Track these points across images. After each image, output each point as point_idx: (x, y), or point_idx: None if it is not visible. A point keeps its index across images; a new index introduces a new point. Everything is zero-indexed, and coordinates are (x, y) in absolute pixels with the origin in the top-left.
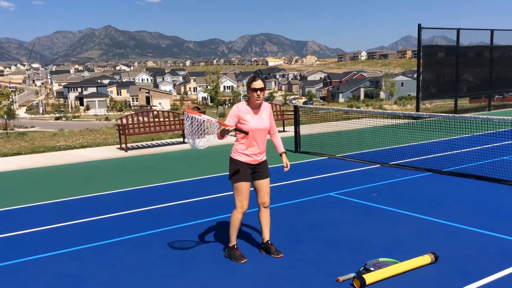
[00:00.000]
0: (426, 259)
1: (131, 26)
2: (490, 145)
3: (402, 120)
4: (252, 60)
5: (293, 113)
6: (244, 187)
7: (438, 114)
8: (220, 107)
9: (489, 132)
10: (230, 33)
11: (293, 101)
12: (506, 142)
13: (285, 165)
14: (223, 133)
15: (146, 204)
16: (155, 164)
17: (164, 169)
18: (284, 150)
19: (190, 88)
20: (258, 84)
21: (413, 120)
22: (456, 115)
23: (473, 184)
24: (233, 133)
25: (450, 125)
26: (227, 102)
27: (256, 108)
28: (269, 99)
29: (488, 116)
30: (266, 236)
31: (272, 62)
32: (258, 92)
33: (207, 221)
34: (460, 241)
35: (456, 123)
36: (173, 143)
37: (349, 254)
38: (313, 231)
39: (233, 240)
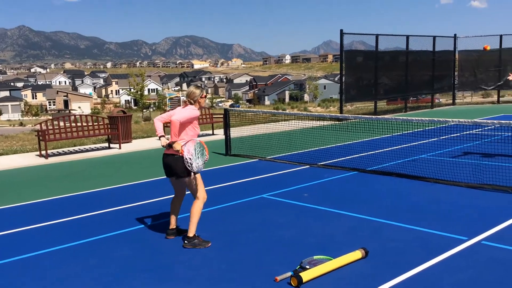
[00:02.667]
0: (357, 254)
1: (47, 26)
2: (409, 144)
3: (328, 122)
4: (177, 62)
5: (222, 116)
6: (200, 177)
7: (363, 116)
8: (145, 110)
9: (408, 132)
10: (154, 34)
11: (220, 104)
12: (423, 141)
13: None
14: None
15: (73, 213)
16: (80, 171)
17: (90, 176)
18: None
19: (112, 91)
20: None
21: (338, 122)
22: (378, 116)
23: (395, 181)
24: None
25: (372, 126)
26: (152, 106)
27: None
28: None
29: (408, 118)
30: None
31: (197, 64)
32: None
33: (140, 228)
34: (386, 236)
35: (378, 124)
36: (97, 149)
37: (285, 254)
38: (249, 233)
39: (195, 230)
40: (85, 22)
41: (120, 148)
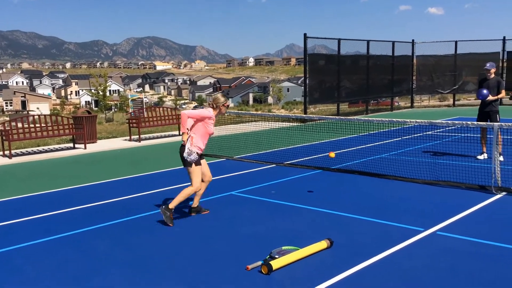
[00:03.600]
0: (323, 244)
1: (2, 25)
2: (371, 144)
3: (293, 123)
4: (139, 63)
5: None
6: (199, 169)
7: (328, 116)
8: (107, 111)
9: (369, 133)
10: (115, 35)
11: (183, 106)
12: (383, 142)
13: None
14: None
15: (42, 210)
16: (45, 170)
17: (57, 176)
18: None
19: (71, 91)
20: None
21: (302, 123)
22: (342, 117)
23: (358, 179)
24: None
25: (336, 127)
26: (113, 107)
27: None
28: (159, 103)
29: (369, 118)
30: (197, 202)
31: (160, 66)
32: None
33: (112, 224)
34: (350, 228)
35: (342, 125)
36: (62, 149)
37: (255, 246)
38: (220, 227)
39: (174, 206)
40: (43, 21)
41: (85, 148)
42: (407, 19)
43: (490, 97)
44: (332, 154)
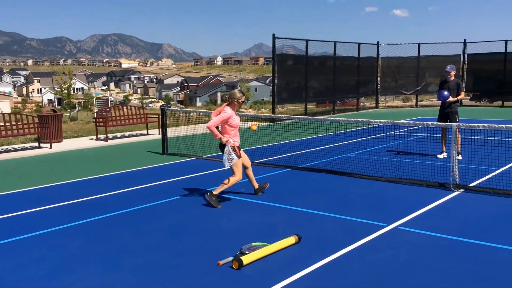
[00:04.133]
0: (291, 240)
1: None
2: (337, 144)
3: (261, 122)
4: (104, 61)
5: (157, 116)
6: (240, 161)
7: (296, 116)
8: (70, 110)
9: (336, 132)
10: (79, 31)
11: (150, 105)
12: (349, 141)
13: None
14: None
15: (9, 210)
16: (13, 170)
17: (23, 175)
18: None
19: (33, 89)
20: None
21: (270, 123)
22: (310, 117)
23: (325, 177)
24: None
25: (304, 127)
26: (77, 106)
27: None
28: (124, 102)
29: (336, 118)
30: (256, 184)
31: (126, 63)
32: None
33: (83, 222)
34: (317, 224)
35: (309, 125)
36: (27, 148)
37: (226, 242)
38: (192, 224)
39: (218, 192)
40: (3, 17)
41: (51, 147)
42: (373, 20)
43: (451, 99)
44: (254, 127)
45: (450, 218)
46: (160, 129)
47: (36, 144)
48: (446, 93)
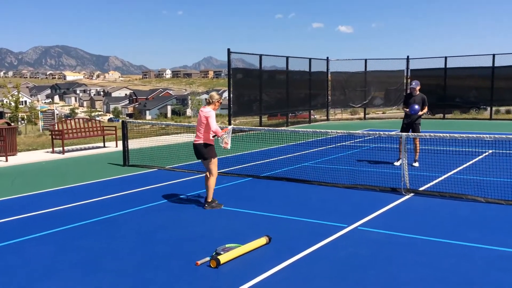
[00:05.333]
0: (262, 241)
1: None
2: (297, 153)
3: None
4: (48, 73)
5: (114, 129)
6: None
7: (259, 128)
8: (14, 123)
9: (294, 143)
10: (20, 43)
11: (97, 118)
12: (308, 151)
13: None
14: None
15: None
16: None
17: None
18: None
19: None
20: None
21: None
22: (270, 128)
23: (286, 185)
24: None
25: (263, 138)
26: (20, 119)
27: None
28: (71, 115)
29: (295, 129)
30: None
31: (70, 76)
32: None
33: (53, 232)
34: (283, 227)
35: (270, 136)
36: None
37: (199, 245)
38: (163, 230)
39: (211, 196)
40: None
41: (7, 160)
42: (320, 36)
43: (419, 112)
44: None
45: (403, 219)
46: (122, 141)
47: None
48: (417, 106)
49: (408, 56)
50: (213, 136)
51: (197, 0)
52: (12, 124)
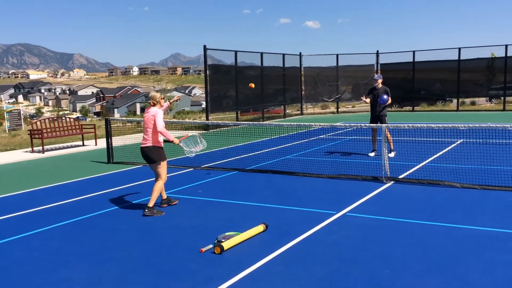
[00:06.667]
0: (260, 228)
1: None
2: (280, 147)
3: (196, 131)
4: (10, 72)
5: (92, 127)
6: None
7: (245, 122)
8: None
9: (280, 136)
10: None
11: (64, 118)
12: (289, 144)
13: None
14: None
15: None
16: None
17: None
18: None
19: None
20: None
21: (204, 131)
22: (255, 122)
23: (272, 177)
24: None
25: (237, 133)
26: None
27: None
28: (36, 115)
29: (280, 123)
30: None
31: (34, 75)
32: None
33: (53, 227)
34: (276, 215)
35: (250, 130)
36: None
37: (199, 234)
38: (161, 222)
39: (153, 203)
40: None
41: None
42: (288, 31)
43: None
44: (252, 85)
45: (388, 204)
46: (106, 139)
47: None
48: (385, 96)
49: (378, 51)
50: (165, 141)
51: None
52: None
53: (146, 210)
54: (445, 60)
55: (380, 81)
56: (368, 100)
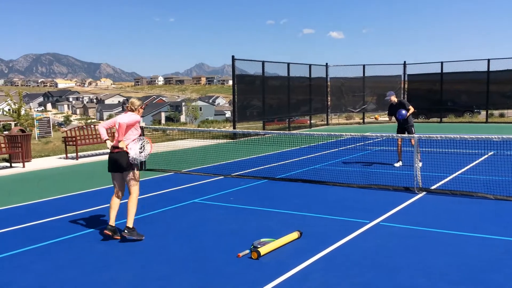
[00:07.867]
0: (294, 235)
1: None
2: (311, 155)
3: (222, 140)
4: (39, 81)
5: None
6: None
7: (274, 131)
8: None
9: (309, 146)
10: (11, 51)
11: (91, 126)
12: (320, 153)
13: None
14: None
15: (35, 218)
16: None
17: (11, 192)
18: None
19: None
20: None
21: (231, 140)
22: (286, 132)
23: (302, 186)
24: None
25: (265, 142)
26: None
27: None
28: (65, 123)
29: (310, 132)
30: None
31: (62, 84)
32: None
33: (84, 233)
34: (310, 223)
35: (279, 139)
36: None
37: (235, 240)
38: (197, 227)
39: (132, 222)
40: None
41: (24, 166)
42: (311, 41)
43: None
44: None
45: (421, 214)
46: None
47: (6, 164)
48: (404, 111)
49: (405, 62)
50: (115, 147)
51: (189, 7)
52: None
53: (125, 231)
54: (474, 71)
55: (392, 97)
56: (391, 118)
